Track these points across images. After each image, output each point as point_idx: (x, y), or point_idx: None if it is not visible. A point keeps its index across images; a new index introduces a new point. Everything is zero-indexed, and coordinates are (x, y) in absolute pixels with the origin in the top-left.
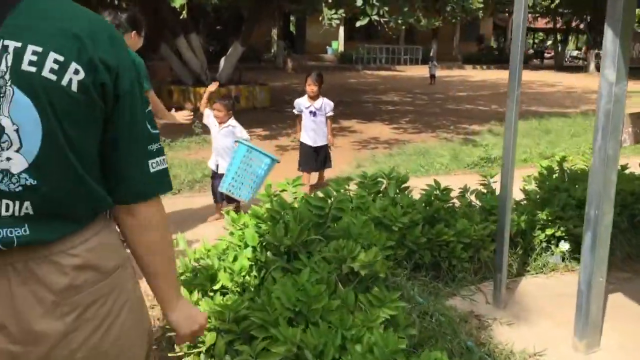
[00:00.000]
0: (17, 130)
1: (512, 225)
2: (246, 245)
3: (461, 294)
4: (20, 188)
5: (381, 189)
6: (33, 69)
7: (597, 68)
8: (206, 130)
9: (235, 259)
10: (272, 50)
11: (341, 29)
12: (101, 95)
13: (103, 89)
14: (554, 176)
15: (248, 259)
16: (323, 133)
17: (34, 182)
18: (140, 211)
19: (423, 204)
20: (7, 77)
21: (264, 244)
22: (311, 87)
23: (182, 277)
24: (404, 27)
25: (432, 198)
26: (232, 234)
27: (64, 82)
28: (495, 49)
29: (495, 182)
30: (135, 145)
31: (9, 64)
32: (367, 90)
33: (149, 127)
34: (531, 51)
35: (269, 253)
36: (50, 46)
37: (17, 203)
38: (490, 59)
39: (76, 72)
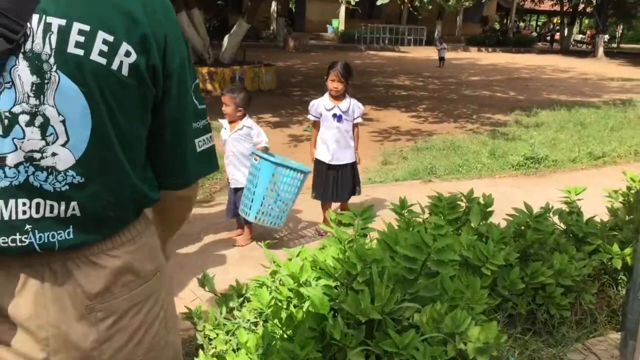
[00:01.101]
0: (63, 122)
1: (613, 260)
2: (308, 313)
3: (569, 358)
4: (66, 187)
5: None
6: (81, 52)
7: (606, 53)
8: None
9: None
10: (272, 28)
11: (342, 7)
12: (152, 78)
13: (154, 71)
14: None
15: (313, 332)
16: (349, 146)
17: (81, 180)
18: (182, 191)
19: (512, 235)
20: (51, 60)
21: (336, 314)
22: (335, 85)
23: None
24: (425, 6)
25: (524, 227)
26: (281, 294)
27: (114, 66)
28: (499, 31)
29: (581, 199)
30: (182, 127)
31: (54, 46)
32: (376, 73)
33: (196, 102)
34: (534, 34)
35: (344, 326)
36: (98, 23)
37: (63, 204)
38: (494, 41)
39: (127, 54)
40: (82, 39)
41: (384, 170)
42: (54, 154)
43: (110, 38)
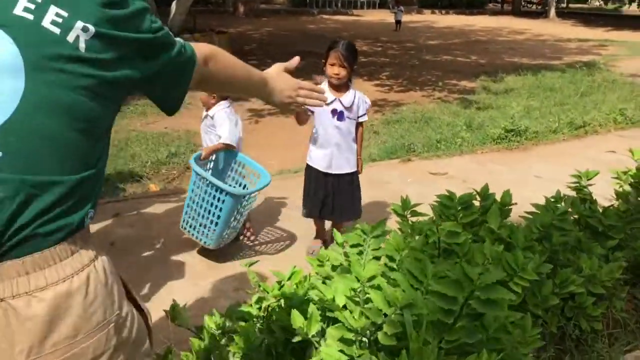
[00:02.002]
0: None
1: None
2: None
3: None
4: None
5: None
6: (29, 16)
7: (557, 14)
8: None
9: None
10: None
11: None
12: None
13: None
14: None
15: None
16: (351, 151)
17: None
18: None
19: (536, 238)
20: None
21: None
22: (336, 70)
23: None
24: None
25: (550, 227)
26: (277, 340)
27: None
28: None
29: (592, 184)
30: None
31: None
32: (331, 39)
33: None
34: None
35: None
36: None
37: None
38: (447, 3)
39: (84, 29)
40: (31, 6)
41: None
42: None
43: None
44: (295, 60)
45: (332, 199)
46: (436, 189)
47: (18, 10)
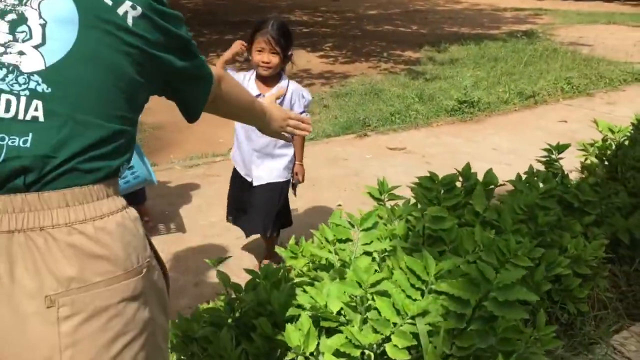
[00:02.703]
0: (43, 26)
1: (619, 233)
2: None
3: None
4: (26, 92)
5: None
6: None
7: None
8: None
9: None
10: None
11: None
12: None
13: None
14: (623, 141)
15: None
16: (278, 159)
17: (47, 90)
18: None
19: (521, 220)
20: None
21: None
22: (266, 58)
23: None
24: None
25: (534, 207)
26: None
27: (120, 11)
28: None
29: (562, 157)
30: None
31: None
32: (270, 8)
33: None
34: None
35: None
36: None
37: (23, 100)
38: None
39: (133, 7)
40: None
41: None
42: (20, 53)
43: None
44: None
45: (259, 209)
46: (397, 165)
47: None
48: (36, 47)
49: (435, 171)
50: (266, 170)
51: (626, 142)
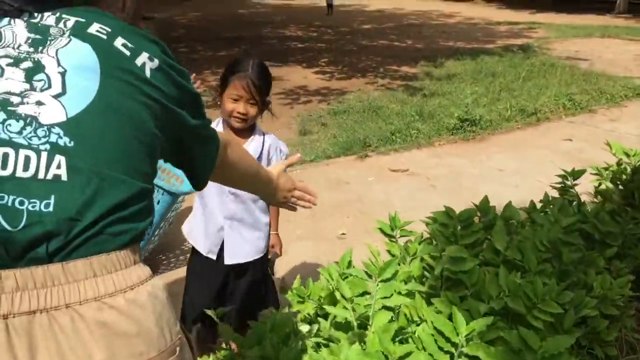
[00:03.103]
0: (62, 74)
1: None
2: None
3: None
4: (47, 146)
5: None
6: (102, 35)
7: None
8: None
9: None
10: None
11: None
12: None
13: None
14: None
15: None
16: (256, 227)
17: (69, 144)
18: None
19: (545, 258)
20: (65, 28)
21: None
22: (241, 107)
23: None
24: None
25: (557, 242)
26: None
27: (138, 61)
28: None
29: (577, 184)
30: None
31: (69, 25)
32: (264, 23)
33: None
34: None
35: None
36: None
37: (44, 156)
38: None
39: (150, 59)
40: (104, 31)
41: (306, 142)
42: (39, 103)
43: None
44: (296, 157)
45: (223, 297)
46: (400, 188)
47: (92, 30)
48: (56, 96)
49: (442, 194)
50: (240, 244)
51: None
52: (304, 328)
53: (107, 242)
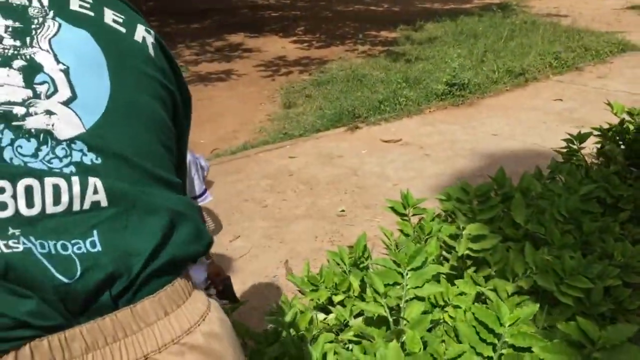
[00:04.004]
0: (65, 72)
1: None
2: None
3: None
4: (71, 169)
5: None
6: (89, 12)
7: None
8: None
9: None
10: None
11: None
12: None
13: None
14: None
15: None
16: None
17: (96, 161)
18: None
19: (567, 229)
20: (43, 6)
21: None
22: None
23: None
24: None
25: (576, 212)
26: None
27: (138, 37)
28: None
29: (584, 147)
30: None
31: (46, 2)
32: None
33: None
34: None
35: None
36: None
37: (77, 181)
38: None
39: (147, 31)
40: (86, 4)
41: (292, 116)
42: (48, 112)
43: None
44: None
45: None
46: (395, 160)
47: (75, 7)
48: (66, 102)
49: (437, 163)
50: None
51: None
52: (320, 316)
53: (169, 272)
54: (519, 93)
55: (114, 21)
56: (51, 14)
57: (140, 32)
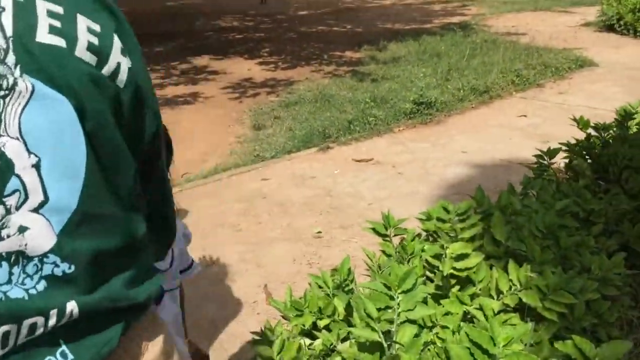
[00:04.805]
0: (37, 166)
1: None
2: None
3: None
4: (44, 286)
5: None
6: (60, 41)
7: None
8: None
9: None
10: None
11: None
12: None
13: None
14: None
15: None
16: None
17: (69, 270)
18: None
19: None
20: (10, 58)
21: None
22: None
23: None
24: None
25: (553, 227)
26: None
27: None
28: None
29: (553, 163)
30: None
31: (11, 32)
32: (193, 15)
33: None
34: None
35: None
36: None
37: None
38: None
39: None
40: (57, 23)
41: (262, 137)
42: (21, 230)
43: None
44: None
45: None
46: (368, 179)
47: (43, 34)
48: (37, 209)
49: (410, 182)
50: None
51: (610, 140)
52: (306, 342)
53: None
54: (484, 110)
55: (89, 47)
56: (18, 69)
57: (115, 57)
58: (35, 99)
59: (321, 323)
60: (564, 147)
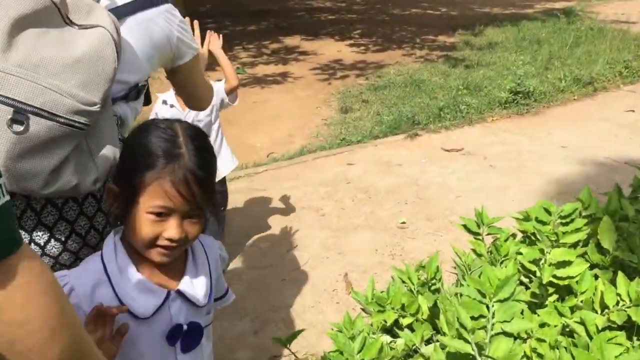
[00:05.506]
0: None
1: None
2: None
3: None
4: None
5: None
6: None
7: None
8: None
9: None
10: None
11: None
12: None
13: None
14: None
15: None
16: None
17: None
18: None
19: None
20: None
21: None
22: (174, 229)
23: None
24: None
25: None
26: None
27: None
28: None
29: None
30: None
31: None
32: None
33: None
34: None
35: None
36: None
37: None
38: None
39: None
40: None
41: (349, 121)
42: None
43: None
44: None
45: None
46: (457, 170)
47: None
48: None
49: (503, 176)
50: None
51: None
52: (386, 339)
53: None
54: (587, 103)
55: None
56: None
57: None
58: None
59: (404, 321)
60: None
